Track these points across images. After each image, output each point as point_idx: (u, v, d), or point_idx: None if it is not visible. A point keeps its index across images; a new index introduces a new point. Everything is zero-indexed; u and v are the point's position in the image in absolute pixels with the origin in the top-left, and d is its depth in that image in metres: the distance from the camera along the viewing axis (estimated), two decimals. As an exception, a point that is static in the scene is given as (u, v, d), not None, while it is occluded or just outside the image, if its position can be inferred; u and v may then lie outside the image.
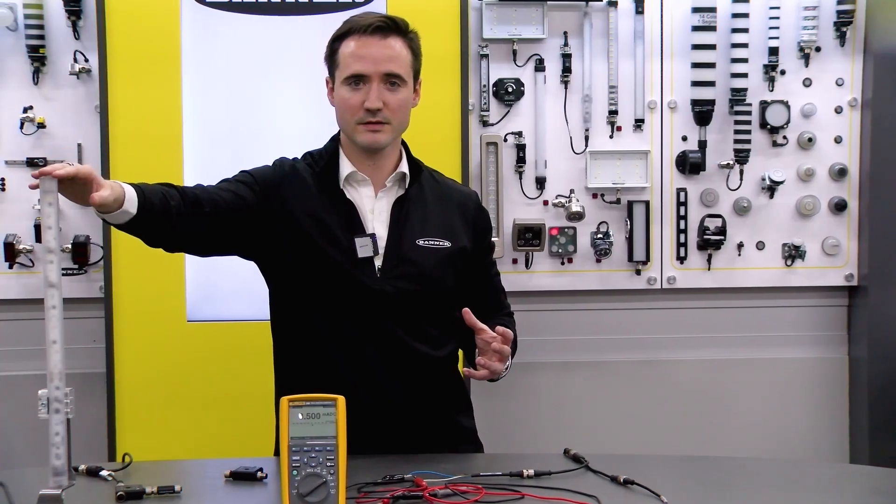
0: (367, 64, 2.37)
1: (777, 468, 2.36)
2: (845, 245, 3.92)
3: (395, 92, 2.39)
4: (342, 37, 2.42)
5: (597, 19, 3.81)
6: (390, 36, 2.39)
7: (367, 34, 2.37)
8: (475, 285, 2.56)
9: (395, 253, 2.42)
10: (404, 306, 2.41)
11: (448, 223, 2.49)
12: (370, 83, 2.37)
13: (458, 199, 2.56)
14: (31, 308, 3.65)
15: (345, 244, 2.39)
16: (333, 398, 1.88)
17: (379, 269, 2.41)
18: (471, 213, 2.56)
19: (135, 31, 3.51)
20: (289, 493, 1.83)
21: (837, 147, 3.90)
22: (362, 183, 2.46)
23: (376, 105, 2.36)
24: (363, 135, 2.40)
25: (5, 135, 3.67)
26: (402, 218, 2.45)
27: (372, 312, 2.40)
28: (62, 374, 1.79)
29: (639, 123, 3.85)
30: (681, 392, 3.97)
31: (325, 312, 2.42)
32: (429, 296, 2.45)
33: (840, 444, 4.02)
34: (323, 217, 2.42)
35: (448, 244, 2.47)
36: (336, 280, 2.40)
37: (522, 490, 2.04)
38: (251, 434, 3.37)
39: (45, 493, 1.78)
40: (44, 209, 1.79)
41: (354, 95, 2.38)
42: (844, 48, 3.87)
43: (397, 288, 2.41)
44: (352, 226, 2.42)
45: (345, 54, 2.40)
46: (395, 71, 2.38)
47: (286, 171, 2.49)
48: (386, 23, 2.39)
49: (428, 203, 2.49)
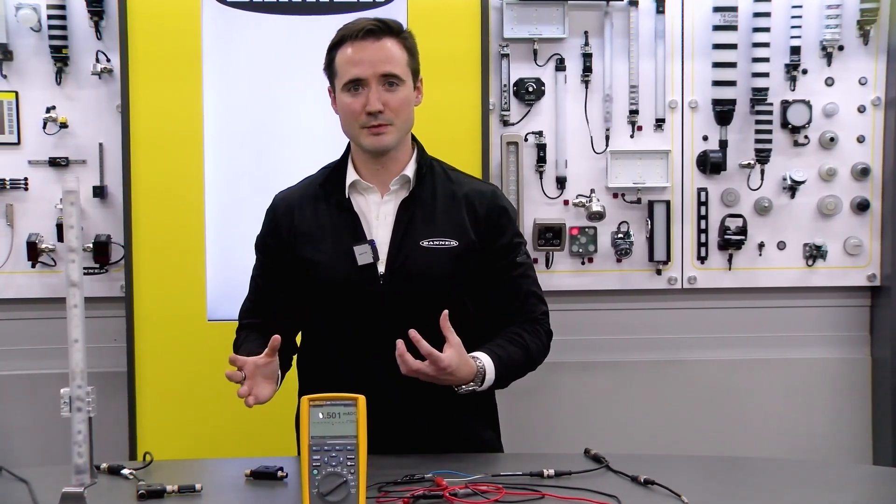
0: (363, 67, 2.38)
1: (799, 469, 2.35)
2: (868, 245, 3.90)
3: (394, 92, 2.39)
4: (337, 45, 2.44)
5: (617, 19, 3.80)
6: (383, 38, 2.40)
7: (360, 39, 2.39)
8: (493, 286, 2.50)
9: (398, 257, 2.41)
10: (410, 310, 2.38)
11: (456, 221, 2.45)
12: (368, 86, 2.38)
13: (470, 196, 2.50)
14: (53, 307, 3.67)
15: (348, 253, 2.41)
16: (354, 398, 1.88)
17: (382, 275, 2.41)
18: (483, 208, 2.49)
19: (156, 31, 3.52)
20: (309, 493, 1.83)
21: (860, 146, 3.88)
22: (368, 190, 2.47)
23: (377, 107, 2.37)
24: (367, 138, 2.41)
25: (28, 135, 3.69)
26: (407, 220, 2.43)
27: (378, 319, 2.40)
28: (84, 373, 1.80)
29: (659, 123, 3.84)
30: (702, 392, 3.96)
31: (336, 322, 2.45)
32: (435, 298, 2.40)
33: (863, 445, 4.00)
34: (328, 229, 2.45)
35: (455, 243, 2.43)
36: (341, 291, 2.43)
37: (543, 490, 2.04)
38: (271, 433, 3.37)
39: (67, 490, 1.78)
40: (66, 208, 1.80)
41: (355, 100, 2.39)
42: (868, 47, 3.85)
43: (401, 292, 2.40)
44: (355, 234, 2.43)
45: (341, 61, 2.42)
46: (391, 71, 2.39)
47: (279, 209, 2.55)
48: (378, 25, 2.40)
49: (437, 203, 2.46)
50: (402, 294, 2.40)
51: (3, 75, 3.67)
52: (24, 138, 3.69)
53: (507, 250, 2.51)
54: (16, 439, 3.72)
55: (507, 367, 2.38)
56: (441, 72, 3.49)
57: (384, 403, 2.35)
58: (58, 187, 3.66)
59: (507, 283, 2.51)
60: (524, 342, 2.45)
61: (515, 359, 2.41)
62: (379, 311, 2.40)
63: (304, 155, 3.59)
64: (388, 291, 2.40)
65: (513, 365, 2.40)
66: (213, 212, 3.58)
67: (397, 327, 2.35)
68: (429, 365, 2.19)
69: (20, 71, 3.68)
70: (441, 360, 2.19)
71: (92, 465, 1.82)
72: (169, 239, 3.54)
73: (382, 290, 2.40)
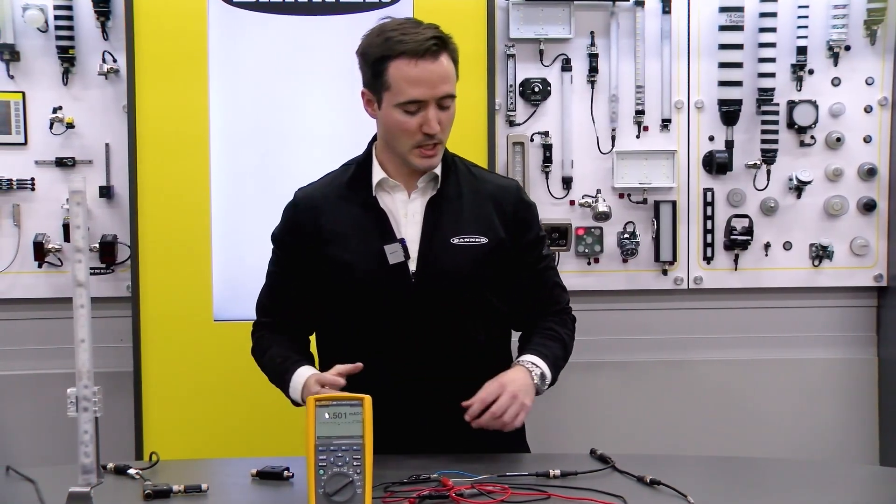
0: (423, 90, 2.31)
1: (805, 470, 2.34)
2: (874, 245, 3.89)
3: (447, 110, 2.36)
4: (392, 56, 2.33)
5: (623, 19, 3.80)
6: (441, 55, 2.34)
7: (421, 57, 2.31)
8: (521, 281, 2.51)
9: (428, 255, 2.40)
10: (441, 308, 2.40)
11: (484, 218, 2.45)
12: (426, 107, 2.33)
13: (495, 192, 2.50)
14: (59, 307, 3.68)
15: (377, 252, 2.39)
16: (360, 398, 1.88)
17: (413, 274, 2.40)
18: (510, 205, 2.49)
19: (163, 31, 3.52)
20: (315, 493, 1.83)
21: (867, 147, 3.88)
22: (395, 188, 2.45)
23: (437, 129, 2.34)
24: (419, 160, 2.38)
25: (35, 135, 3.70)
26: (435, 218, 2.42)
27: (408, 317, 2.39)
28: (90, 373, 1.80)
29: (665, 123, 3.83)
30: (708, 393, 3.96)
31: (364, 322, 2.43)
32: (467, 295, 2.43)
33: (870, 445, 4.00)
34: (355, 228, 2.42)
35: (485, 240, 2.43)
36: (371, 290, 2.40)
37: (549, 490, 2.04)
38: (278, 433, 3.39)
39: (74, 490, 1.79)
40: (72, 209, 1.80)
41: (411, 120, 2.34)
42: (875, 47, 3.85)
43: (432, 290, 2.40)
44: (384, 232, 2.41)
45: (398, 77, 2.33)
46: (449, 92, 2.35)
47: (300, 206, 2.51)
48: (436, 43, 2.33)
49: (463, 199, 2.45)
50: (433, 292, 2.40)
51: (10, 76, 3.67)
52: (30, 138, 3.70)
53: (534, 245, 2.54)
54: (22, 439, 3.73)
55: (552, 358, 2.42)
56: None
57: (413, 402, 2.35)
58: (64, 187, 3.66)
59: (534, 277, 2.53)
60: (559, 335, 2.50)
61: (558, 354, 2.46)
62: (409, 309, 2.40)
63: (310, 155, 3.61)
64: (420, 290, 2.40)
65: (556, 357, 2.45)
66: (220, 212, 3.58)
67: (427, 325, 2.39)
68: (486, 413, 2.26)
69: (27, 71, 3.68)
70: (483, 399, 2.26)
71: (98, 465, 1.83)
72: (175, 239, 3.54)
73: (413, 288, 2.40)
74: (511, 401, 2.27)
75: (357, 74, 3.74)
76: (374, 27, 2.42)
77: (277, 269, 2.55)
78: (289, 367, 2.42)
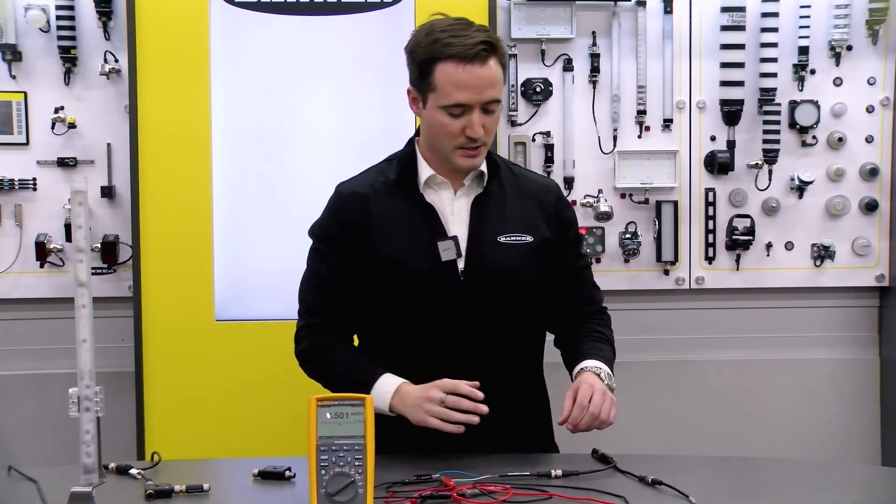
0: (469, 94, 2.30)
1: (807, 470, 2.34)
2: (876, 245, 3.89)
3: (491, 115, 2.35)
4: (440, 58, 2.32)
5: (625, 19, 3.80)
6: (489, 59, 2.32)
7: (468, 62, 2.29)
8: (562, 279, 2.52)
9: (477, 253, 2.40)
10: (488, 306, 2.40)
11: (528, 217, 2.46)
12: (471, 111, 2.32)
13: (538, 191, 2.51)
14: (61, 307, 3.68)
15: (427, 248, 2.38)
16: (362, 398, 1.88)
17: (462, 272, 2.39)
18: (551, 203, 2.50)
19: (164, 31, 3.52)
20: (317, 493, 1.83)
21: (868, 147, 3.87)
22: (442, 185, 2.44)
23: (480, 133, 2.33)
24: (462, 160, 2.37)
25: (37, 135, 3.70)
26: (482, 216, 2.42)
27: (456, 315, 2.39)
28: (92, 373, 1.80)
29: (667, 123, 3.83)
30: (709, 393, 3.96)
31: (410, 319, 2.42)
32: (513, 293, 2.43)
33: (871, 446, 3.99)
34: (403, 224, 2.41)
35: (530, 238, 2.44)
36: (421, 286, 2.39)
37: (550, 490, 2.04)
38: (279, 433, 3.39)
39: (76, 490, 1.79)
40: (74, 209, 1.80)
41: (455, 122, 2.33)
42: (877, 46, 3.84)
43: (480, 288, 2.39)
44: (433, 229, 2.40)
45: (444, 80, 2.31)
46: (495, 97, 2.34)
47: (348, 200, 2.46)
48: (485, 47, 2.31)
49: (507, 198, 2.45)
50: (481, 290, 2.40)
51: (12, 76, 3.68)
52: (32, 138, 3.70)
53: (574, 243, 2.57)
54: (24, 439, 3.73)
55: (607, 360, 2.48)
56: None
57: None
58: (66, 187, 3.66)
59: (573, 275, 2.56)
60: (606, 336, 2.56)
61: (610, 356, 2.51)
62: (456, 307, 2.39)
63: (311, 155, 3.62)
64: (468, 287, 2.39)
65: (610, 360, 2.50)
66: (221, 212, 3.58)
67: (472, 324, 2.39)
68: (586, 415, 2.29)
69: (29, 71, 3.68)
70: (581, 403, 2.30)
71: (100, 465, 1.82)
72: (177, 239, 3.54)
73: (462, 286, 2.39)
74: (603, 398, 2.31)
75: (357, 75, 3.75)
76: (423, 25, 2.41)
77: (324, 265, 2.47)
78: (368, 377, 2.35)
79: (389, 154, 2.56)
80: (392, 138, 3.57)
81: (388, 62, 3.58)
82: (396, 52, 3.56)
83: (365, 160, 3.60)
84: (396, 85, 3.57)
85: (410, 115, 3.54)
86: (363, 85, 3.61)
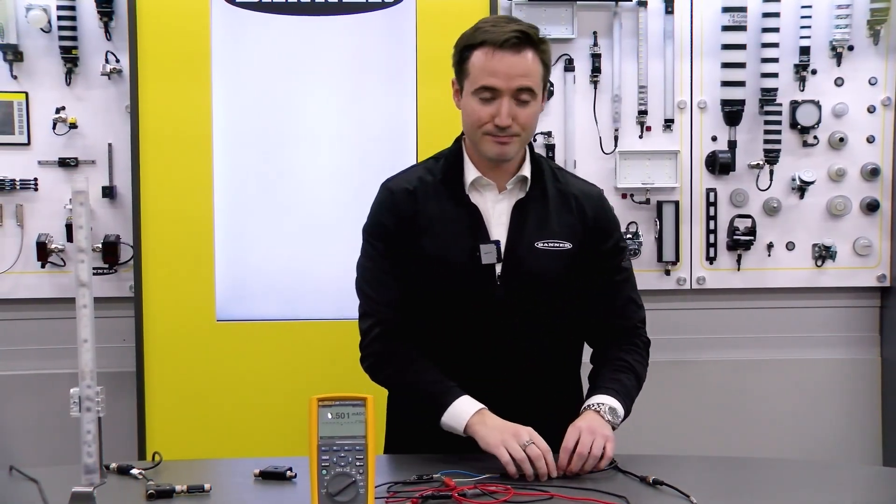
0: (499, 79, 2.30)
1: (808, 470, 2.34)
2: (877, 245, 3.89)
3: (525, 106, 2.33)
4: (474, 46, 2.33)
5: (626, 19, 3.80)
6: (524, 49, 2.31)
7: (500, 48, 2.29)
8: (595, 289, 2.47)
9: (514, 257, 2.38)
10: (523, 311, 2.39)
11: (569, 223, 2.43)
12: (501, 98, 2.31)
13: (579, 197, 2.47)
14: (62, 307, 3.69)
15: (469, 250, 2.37)
16: (363, 397, 1.88)
17: (499, 276, 2.38)
18: (591, 210, 2.46)
19: (165, 31, 3.52)
20: (318, 493, 1.83)
21: (870, 147, 3.88)
22: (487, 187, 2.42)
23: (507, 122, 2.31)
24: (490, 146, 2.35)
25: (38, 135, 3.70)
26: (522, 221, 2.40)
27: (491, 318, 2.38)
28: (93, 373, 1.80)
29: (668, 123, 3.83)
30: (710, 393, 3.95)
31: (445, 319, 2.41)
32: (548, 300, 2.41)
33: (872, 446, 3.99)
34: (447, 223, 2.40)
35: (569, 245, 2.41)
36: (458, 287, 2.38)
37: (551, 490, 2.04)
38: (280, 433, 3.39)
39: (77, 490, 1.79)
40: (75, 209, 1.80)
41: (484, 108, 2.32)
42: (878, 47, 3.85)
43: (516, 292, 2.38)
44: (476, 231, 2.39)
45: (476, 66, 2.32)
46: (527, 85, 2.32)
47: (398, 196, 2.44)
48: (519, 36, 2.31)
49: (549, 204, 2.44)
50: (516, 294, 2.38)
51: (14, 76, 3.68)
52: (33, 139, 3.70)
53: (611, 254, 2.49)
54: (25, 439, 3.73)
55: (621, 391, 2.37)
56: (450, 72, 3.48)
57: (490, 401, 2.31)
58: (67, 188, 3.67)
59: (608, 287, 2.48)
60: (628, 364, 2.45)
61: (628, 384, 2.41)
62: (493, 309, 2.38)
63: (312, 155, 3.62)
64: (504, 291, 2.38)
65: (626, 388, 2.40)
66: (222, 212, 3.59)
67: (508, 326, 2.38)
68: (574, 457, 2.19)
69: (30, 71, 3.69)
70: (566, 448, 2.19)
71: (101, 465, 1.82)
72: (178, 239, 3.54)
73: (498, 290, 2.38)
74: (591, 436, 2.22)
75: (358, 75, 3.75)
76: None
77: (380, 259, 2.44)
78: (447, 395, 2.31)
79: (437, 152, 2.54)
80: (393, 138, 3.60)
81: (388, 62, 3.59)
82: (397, 52, 3.59)
83: (365, 160, 3.63)
84: (397, 85, 3.60)
85: (412, 116, 3.56)
86: (364, 85, 3.61)
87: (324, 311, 3.59)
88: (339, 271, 3.57)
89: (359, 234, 2.48)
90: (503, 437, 2.17)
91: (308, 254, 3.60)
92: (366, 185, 3.58)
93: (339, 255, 3.56)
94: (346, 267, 2.71)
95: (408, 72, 3.55)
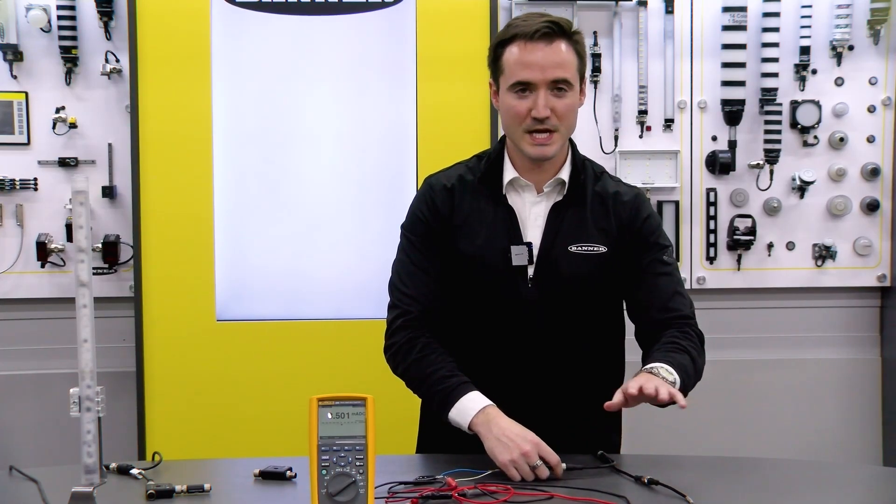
0: (533, 71, 2.29)
1: (807, 470, 2.34)
2: (878, 245, 3.89)
3: (562, 97, 2.32)
4: (506, 42, 2.33)
5: (626, 19, 3.80)
6: (556, 40, 2.30)
7: (532, 40, 2.29)
8: (638, 285, 2.43)
9: (547, 260, 2.37)
10: (554, 314, 2.38)
11: (604, 226, 2.41)
12: (537, 91, 2.30)
13: (617, 200, 2.44)
14: (62, 307, 3.69)
15: (502, 250, 2.36)
16: (363, 397, 1.87)
17: (531, 278, 2.38)
18: (627, 213, 2.43)
19: (165, 31, 3.53)
20: (318, 493, 1.83)
21: (870, 146, 3.87)
22: (525, 188, 2.42)
23: (544, 114, 2.30)
24: (530, 147, 2.34)
25: (38, 135, 3.70)
26: (557, 224, 2.39)
27: (522, 320, 2.37)
28: (93, 373, 1.80)
29: (668, 123, 3.83)
30: (710, 393, 3.92)
31: (478, 317, 2.40)
32: (580, 303, 2.40)
33: (873, 446, 3.99)
34: (483, 223, 2.39)
35: (604, 249, 2.39)
36: (491, 286, 2.38)
37: (551, 490, 2.04)
38: (280, 433, 3.39)
39: (77, 490, 1.79)
40: (75, 209, 1.80)
41: (521, 103, 2.32)
42: (878, 46, 3.85)
43: (548, 295, 2.37)
44: (511, 232, 2.38)
45: (509, 61, 2.32)
46: (562, 76, 2.30)
47: (437, 192, 2.43)
48: (551, 27, 2.30)
49: (585, 207, 2.41)
50: (548, 297, 2.37)
51: (13, 76, 3.68)
52: (33, 138, 3.70)
53: (652, 249, 2.44)
54: (25, 439, 3.73)
55: (674, 364, 2.28)
56: (450, 72, 3.49)
57: (521, 405, 2.29)
58: (67, 187, 3.67)
59: (652, 281, 2.43)
60: (682, 346, 2.38)
61: (682, 361, 2.33)
62: (524, 312, 2.37)
63: (312, 155, 3.62)
64: (536, 294, 2.37)
65: (681, 364, 2.31)
66: (223, 212, 3.59)
67: (539, 329, 2.37)
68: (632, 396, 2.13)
69: (30, 71, 3.69)
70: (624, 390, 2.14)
71: (101, 465, 1.82)
72: (178, 239, 3.54)
73: (530, 291, 2.38)
74: (648, 378, 2.16)
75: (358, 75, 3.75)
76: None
77: (417, 254, 2.42)
78: (458, 388, 2.28)
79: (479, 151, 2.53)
80: (392, 138, 3.60)
81: (388, 62, 3.59)
82: (397, 52, 3.59)
83: (365, 160, 3.63)
84: (397, 85, 3.60)
85: (411, 116, 3.56)
86: (364, 85, 3.61)
87: (324, 311, 3.59)
88: (340, 271, 3.60)
89: (359, 234, 2.49)
90: (512, 455, 2.12)
91: (308, 254, 3.60)
92: (366, 184, 3.61)
93: (339, 255, 3.58)
94: (346, 267, 2.74)
95: (408, 72, 3.55)
